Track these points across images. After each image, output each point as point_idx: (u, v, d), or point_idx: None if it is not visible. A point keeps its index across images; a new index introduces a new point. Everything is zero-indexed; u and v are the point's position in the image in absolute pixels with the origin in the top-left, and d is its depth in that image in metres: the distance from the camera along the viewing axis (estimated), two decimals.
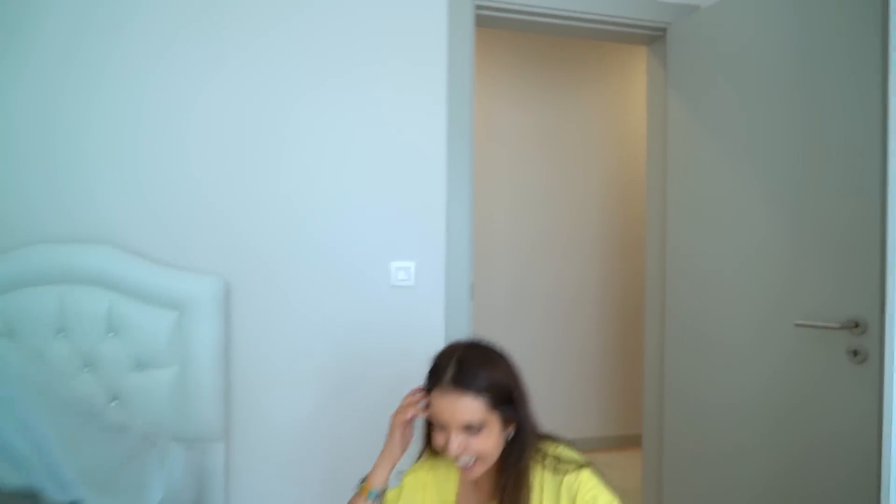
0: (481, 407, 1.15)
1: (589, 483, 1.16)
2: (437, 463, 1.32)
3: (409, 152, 2.06)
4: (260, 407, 1.97)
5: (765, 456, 1.86)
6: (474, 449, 1.15)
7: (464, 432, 1.15)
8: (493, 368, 1.19)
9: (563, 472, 1.18)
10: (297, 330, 1.99)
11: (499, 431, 1.18)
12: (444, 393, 1.16)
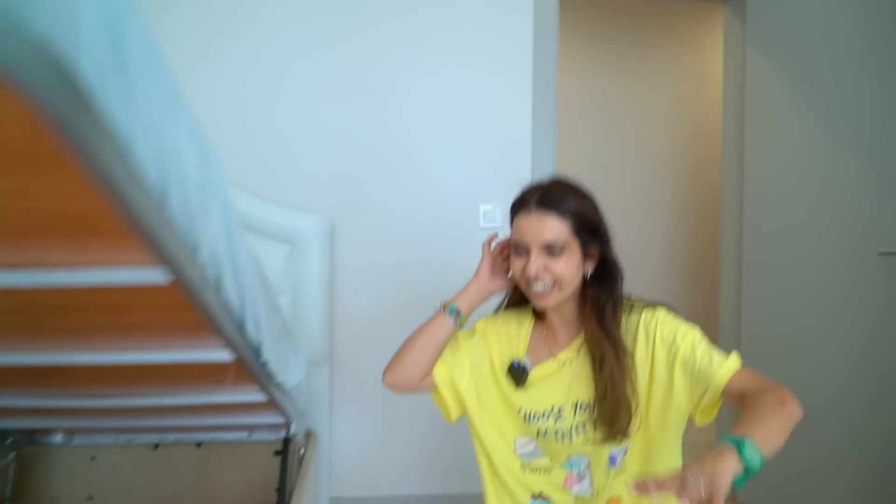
0: (565, 228, 1.11)
1: (666, 319, 1.13)
2: (510, 316, 1.30)
3: (498, 108, 2.20)
4: (359, 335, 2.18)
5: (849, 396, 1.92)
6: (554, 271, 1.11)
7: (544, 253, 1.11)
8: (580, 199, 1.15)
9: (639, 312, 1.15)
10: (393, 266, 2.18)
11: (579, 260, 1.14)
12: (528, 214, 1.12)
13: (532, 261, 1.11)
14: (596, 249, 1.15)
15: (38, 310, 0.85)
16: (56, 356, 1.03)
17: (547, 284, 1.12)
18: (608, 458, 1.18)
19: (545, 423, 1.20)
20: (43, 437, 1.88)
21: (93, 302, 0.83)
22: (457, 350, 1.27)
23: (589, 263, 1.16)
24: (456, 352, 1.26)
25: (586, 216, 1.13)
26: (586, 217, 1.13)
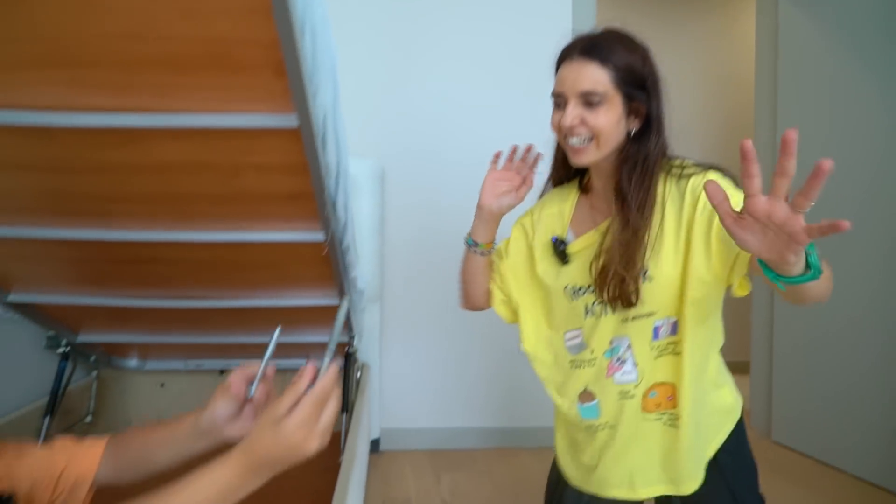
0: (605, 77, 1.01)
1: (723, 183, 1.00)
2: (552, 199, 1.23)
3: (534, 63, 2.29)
4: (406, 273, 2.29)
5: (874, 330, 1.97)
6: (590, 124, 1.02)
7: (582, 104, 1.03)
8: (629, 48, 1.03)
9: (689, 176, 1.04)
10: (437, 206, 2.29)
11: (620, 115, 1.03)
12: (570, 63, 1.03)
13: (568, 112, 1.02)
14: (642, 106, 1.04)
15: (160, 170, 0.97)
16: (163, 233, 1.15)
17: (584, 138, 1.04)
18: (653, 330, 1.08)
19: (590, 296, 1.12)
20: (120, 360, 2.03)
21: (212, 160, 0.95)
22: (498, 270, 1.25)
23: (633, 120, 1.05)
24: (498, 272, 1.25)
25: (632, 67, 1.02)
26: (633, 68, 1.02)
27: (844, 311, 2.10)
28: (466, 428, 2.33)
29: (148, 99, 0.82)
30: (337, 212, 1.09)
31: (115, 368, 2.04)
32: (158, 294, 1.48)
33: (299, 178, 0.98)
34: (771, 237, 0.73)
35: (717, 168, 1.04)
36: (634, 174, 1.04)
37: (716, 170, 1.04)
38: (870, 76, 2.04)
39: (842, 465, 2.10)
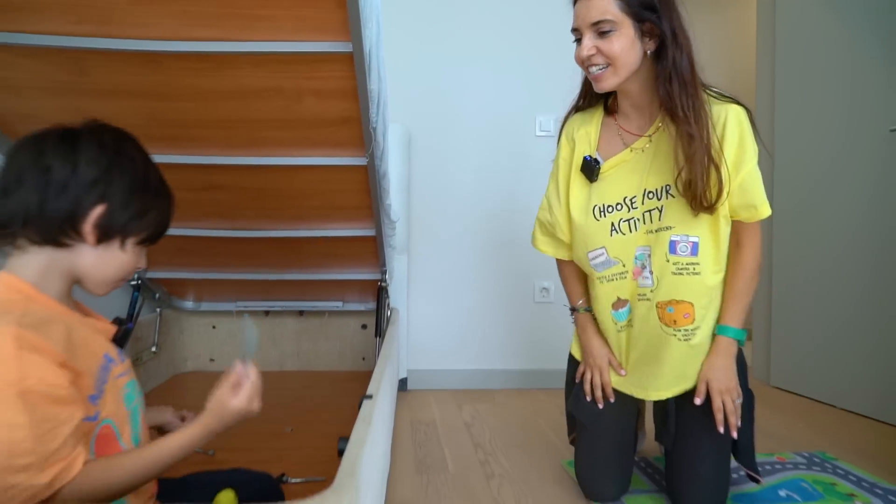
0: (612, 5, 1.10)
1: (746, 133, 1.16)
2: (576, 123, 1.35)
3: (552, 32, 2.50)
4: (431, 228, 2.52)
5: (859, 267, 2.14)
6: (605, 51, 1.12)
7: (595, 35, 1.12)
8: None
9: (723, 106, 1.18)
10: (460, 169, 2.51)
11: (633, 37, 1.12)
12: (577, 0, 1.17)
13: (584, 43, 1.13)
14: (653, 26, 1.12)
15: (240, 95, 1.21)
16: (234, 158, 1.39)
17: (601, 66, 1.14)
18: (669, 244, 1.21)
19: (617, 214, 1.25)
20: (179, 300, 2.29)
21: (281, 85, 1.18)
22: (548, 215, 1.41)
23: (648, 41, 1.14)
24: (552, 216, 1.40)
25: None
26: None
27: (832, 267, 2.28)
28: (486, 370, 2.54)
29: (237, 30, 1.05)
30: (377, 137, 1.32)
31: (174, 309, 2.30)
32: (218, 224, 1.72)
33: (349, 103, 1.22)
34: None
35: (739, 103, 1.20)
36: (674, 87, 1.12)
37: (738, 105, 1.20)
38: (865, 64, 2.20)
39: (834, 401, 2.27)
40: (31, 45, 1.07)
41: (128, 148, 0.82)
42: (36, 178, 0.74)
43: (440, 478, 1.57)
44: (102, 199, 0.77)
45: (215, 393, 0.83)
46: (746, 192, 1.18)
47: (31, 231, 0.75)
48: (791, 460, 1.69)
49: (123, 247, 0.80)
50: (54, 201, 0.74)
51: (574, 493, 1.47)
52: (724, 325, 1.24)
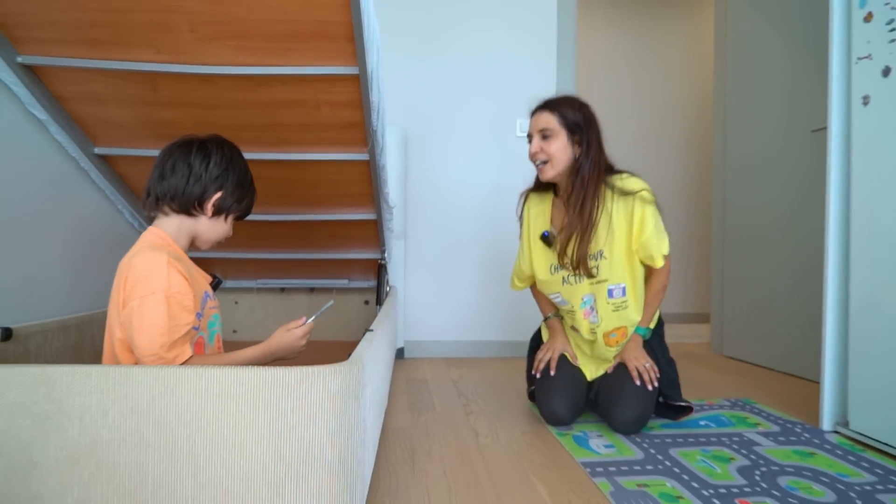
0: (552, 119, 1.59)
1: (646, 216, 1.62)
2: (535, 200, 1.81)
3: (529, 48, 2.87)
4: (424, 216, 2.89)
5: (791, 250, 2.51)
6: (545, 149, 1.60)
7: (540, 138, 1.61)
8: (570, 103, 1.63)
9: (627, 194, 1.63)
10: (450, 164, 2.88)
11: (565, 143, 1.59)
12: (534, 112, 1.67)
13: (533, 143, 1.64)
14: (580, 138, 1.61)
15: (272, 105, 1.58)
16: (264, 154, 1.75)
17: (542, 160, 1.63)
18: (607, 292, 1.70)
19: (563, 272, 1.73)
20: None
21: (304, 98, 1.55)
22: (521, 264, 1.88)
23: (576, 148, 1.62)
24: (522, 264, 1.88)
25: (571, 113, 1.61)
26: (571, 114, 1.61)
27: (772, 255, 2.65)
28: (474, 341, 2.91)
29: (273, 58, 1.42)
30: (377, 138, 1.69)
31: None
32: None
33: (355, 111, 1.59)
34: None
35: (644, 195, 1.68)
36: (576, 187, 1.62)
37: (645, 202, 1.68)
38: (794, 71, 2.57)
39: (769, 364, 2.65)
40: (119, 70, 1.45)
41: (237, 155, 1.27)
42: (183, 170, 1.18)
43: (428, 414, 1.94)
44: (221, 188, 1.21)
45: (280, 328, 1.21)
46: (646, 248, 1.67)
47: (174, 203, 1.19)
48: (718, 403, 2.06)
49: (226, 220, 1.23)
50: (192, 186, 1.18)
51: (535, 421, 1.84)
52: (638, 326, 1.76)
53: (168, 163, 1.20)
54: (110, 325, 1.14)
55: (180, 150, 1.21)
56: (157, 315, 1.06)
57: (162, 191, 1.19)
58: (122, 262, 1.14)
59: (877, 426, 1.58)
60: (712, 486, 1.33)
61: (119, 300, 1.10)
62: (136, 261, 1.10)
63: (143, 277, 1.07)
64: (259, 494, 0.92)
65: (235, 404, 0.92)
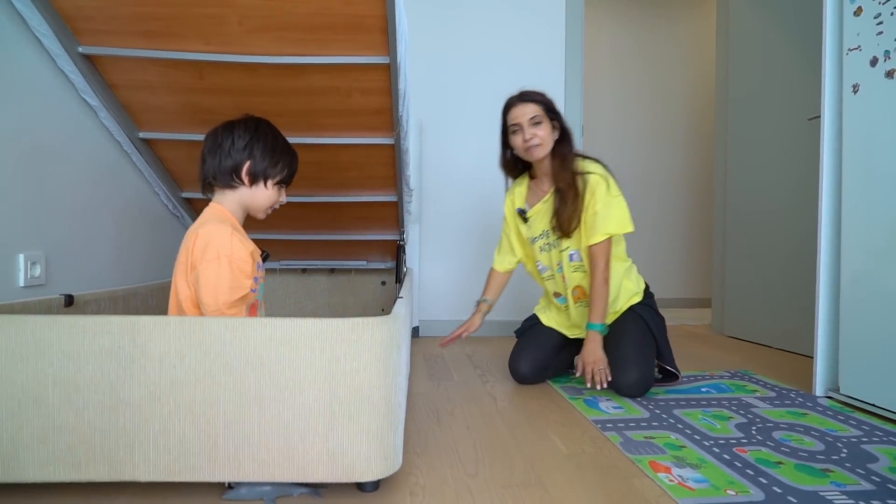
0: (539, 108, 1.86)
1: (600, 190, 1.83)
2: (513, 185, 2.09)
3: (537, 42, 3.00)
4: (439, 201, 3.02)
5: (789, 234, 2.64)
6: (538, 134, 1.84)
7: (531, 125, 1.84)
8: (539, 94, 1.90)
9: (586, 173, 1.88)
10: (463, 151, 3.01)
11: (550, 128, 1.86)
12: (515, 106, 1.88)
13: (526, 131, 1.85)
14: (558, 123, 1.90)
15: (309, 92, 1.71)
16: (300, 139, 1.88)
17: (535, 144, 1.86)
18: (568, 256, 1.97)
19: (541, 241, 2.02)
20: None
21: (338, 85, 1.68)
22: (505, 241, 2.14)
23: (556, 132, 1.90)
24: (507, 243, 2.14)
25: (547, 101, 1.89)
26: (547, 101, 1.89)
27: (770, 240, 2.78)
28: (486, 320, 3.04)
29: (313, 48, 1.55)
30: (402, 123, 1.82)
31: None
32: None
33: (383, 98, 1.72)
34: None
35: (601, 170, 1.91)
36: (559, 162, 1.88)
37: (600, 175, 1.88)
38: (791, 61, 2.70)
39: (768, 342, 2.78)
40: (169, 59, 1.58)
41: (263, 125, 1.37)
42: (216, 149, 1.31)
43: (448, 383, 2.08)
44: (250, 156, 1.30)
45: None
46: (591, 223, 1.87)
47: (217, 181, 1.32)
48: (719, 374, 2.19)
49: (266, 186, 1.34)
50: (225, 161, 1.30)
51: (548, 389, 1.98)
52: (590, 322, 1.88)
53: (205, 147, 1.35)
54: (176, 286, 1.27)
55: (212, 134, 1.35)
56: (221, 277, 1.20)
57: (205, 173, 1.35)
58: (189, 232, 1.28)
59: (864, 390, 1.72)
60: (712, 439, 1.47)
61: (187, 263, 1.25)
62: (204, 231, 1.24)
63: (211, 245, 1.22)
64: (316, 429, 1.06)
65: (296, 350, 1.06)
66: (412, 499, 1.12)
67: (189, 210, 2.30)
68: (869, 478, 1.23)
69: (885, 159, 1.63)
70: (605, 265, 1.86)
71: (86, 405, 1.04)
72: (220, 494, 1.12)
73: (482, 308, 2.14)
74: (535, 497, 1.13)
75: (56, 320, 1.04)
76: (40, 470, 1.05)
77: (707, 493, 1.15)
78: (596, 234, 1.85)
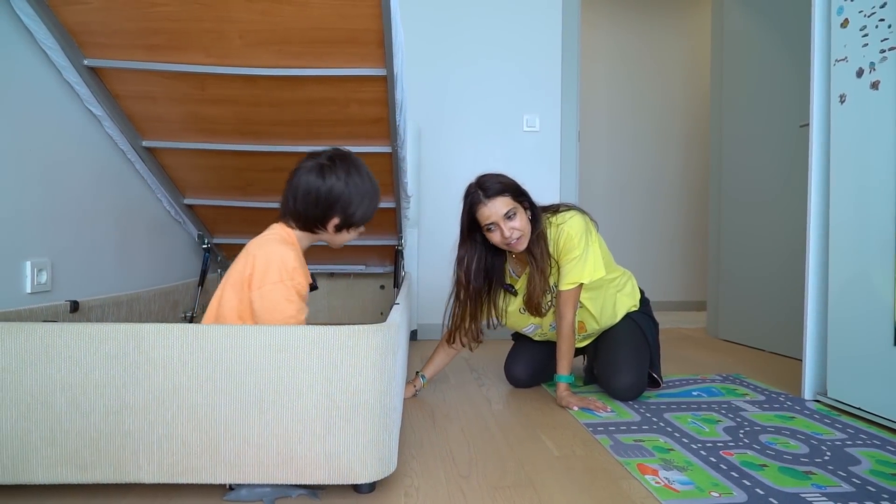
0: (509, 200, 1.71)
1: (569, 244, 1.77)
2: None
3: (535, 47, 3.04)
4: (437, 206, 3.07)
5: (781, 239, 2.67)
6: (516, 227, 1.71)
7: (506, 220, 1.70)
8: (501, 179, 1.76)
9: (559, 225, 1.81)
10: (461, 157, 3.06)
11: (524, 213, 1.74)
12: (484, 205, 1.71)
13: (505, 228, 1.70)
14: (527, 202, 1.78)
15: (307, 102, 1.75)
16: (296, 147, 1.93)
17: (517, 235, 1.73)
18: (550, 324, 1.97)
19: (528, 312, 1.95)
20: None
21: (335, 96, 1.72)
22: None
23: (528, 212, 1.78)
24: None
25: (512, 186, 1.75)
26: (512, 186, 1.76)
27: (763, 246, 2.82)
28: None
29: (311, 61, 1.60)
30: (399, 132, 1.86)
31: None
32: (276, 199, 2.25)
33: (380, 108, 1.76)
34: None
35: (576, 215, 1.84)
36: (534, 241, 1.77)
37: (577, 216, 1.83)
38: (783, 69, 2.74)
39: (760, 345, 2.82)
40: (172, 71, 1.62)
41: (354, 171, 1.39)
42: (305, 198, 1.35)
43: (444, 385, 2.12)
44: (339, 213, 1.37)
45: None
46: (563, 271, 1.82)
47: (299, 223, 1.37)
48: (711, 378, 2.23)
49: (349, 231, 1.42)
50: (312, 211, 1.36)
51: (541, 393, 2.02)
52: (558, 374, 1.85)
53: (294, 189, 1.36)
54: (221, 295, 1.33)
55: (305, 175, 1.36)
56: (288, 301, 1.27)
57: (289, 211, 1.38)
58: (252, 246, 1.34)
59: (851, 394, 1.75)
60: (700, 442, 1.51)
61: (245, 276, 1.30)
62: (269, 250, 1.30)
63: (275, 267, 1.27)
64: (314, 432, 1.10)
65: (295, 356, 1.10)
66: (406, 500, 1.16)
67: (191, 216, 2.34)
68: (850, 480, 1.27)
69: (871, 168, 1.67)
70: (572, 314, 1.83)
71: (92, 409, 1.09)
72: (221, 495, 1.16)
73: (414, 382, 1.98)
74: (524, 498, 1.17)
75: (63, 328, 1.08)
76: (48, 472, 1.09)
77: (691, 495, 1.19)
78: (568, 282, 1.81)
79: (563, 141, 3.07)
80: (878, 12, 1.63)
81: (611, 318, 1.98)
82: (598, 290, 1.92)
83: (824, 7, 1.85)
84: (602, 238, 1.93)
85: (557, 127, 3.07)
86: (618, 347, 1.92)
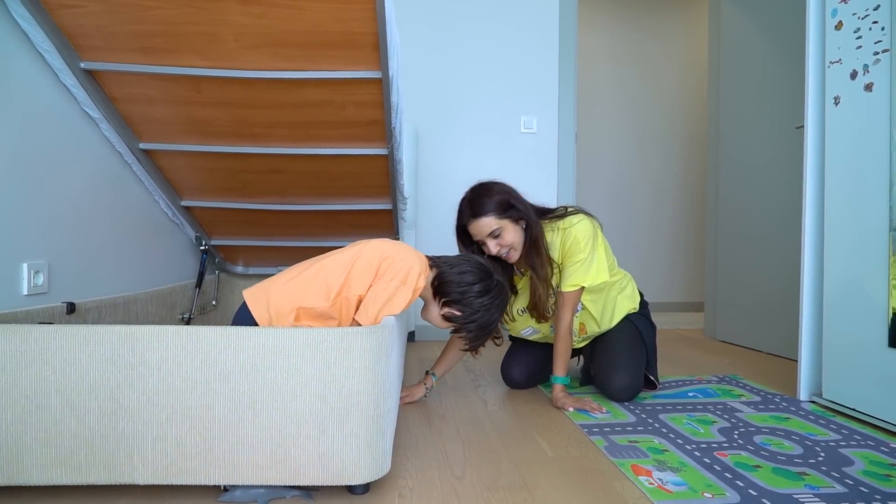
0: (492, 220, 1.72)
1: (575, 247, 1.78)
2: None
3: (532, 49, 3.05)
4: (434, 207, 3.07)
5: (780, 241, 2.68)
6: (504, 244, 1.74)
7: (492, 238, 1.73)
8: (489, 194, 1.74)
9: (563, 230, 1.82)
10: (458, 158, 3.06)
11: (513, 227, 1.74)
12: (471, 224, 1.75)
13: (490, 247, 1.75)
14: (517, 215, 1.75)
15: (303, 105, 1.76)
16: (293, 149, 1.93)
17: (505, 251, 1.77)
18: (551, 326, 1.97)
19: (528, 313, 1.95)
20: (232, 266, 2.84)
21: (332, 98, 1.73)
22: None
23: (521, 222, 1.78)
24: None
25: (500, 202, 1.73)
26: (500, 202, 1.73)
27: (760, 248, 2.82)
28: None
29: (307, 64, 1.60)
30: (395, 134, 1.87)
31: (228, 273, 2.85)
32: (275, 200, 2.27)
33: (376, 110, 1.77)
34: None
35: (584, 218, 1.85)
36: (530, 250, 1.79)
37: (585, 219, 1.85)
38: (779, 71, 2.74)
39: (756, 346, 2.83)
40: (168, 74, 1.63)
41: (496, 308, 1.58)
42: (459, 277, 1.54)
43: (441, 386, 2.12)
44: (463, 311, 1.55)
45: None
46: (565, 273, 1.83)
47: (434, 281, 1.56)
48: (707, 378, 2.24)
49: (442, 317, 1.60)
50: (454, 290, 1.54)
51: (537, 394, 2.03)
52: (555, 375, 1.87)
53: (464, 269, 1.55)
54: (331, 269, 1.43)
55: (478, 272, 1.55)
56: (403, 302, 1.41)
57: (441, 272, 1.55)
58: (376, 241, 1.49)
59: (845, 395, 1.76)
60: (695, 443, 1.52)
61: (370, 263, 1.42)
62: (398, 249, 1.46)
63: (405, 269, 1.42)
64: (308, 434, 1.11)
65: (289, 358, 1.10)
66: (401, 500, 1.17)
67: (189, 218, 2.35)
68: (843, 481, 1.27)
69: (865, 169, 1.68)
70: (570, 316, 1.84)
71: (87, 411, 1.09)
72: (216, 497, 1.17)
73: (425, 380, 1.96)
74: (518, 498, 1.18)
75: (59, 329, 1.09)
76: (43, 473, 1.10)
77: (684, 496, 1.19)
78: (569, 284, 1.82)
79: (560, 142, 3.08)
80: (872, 14, 1.64)
81: (611, 321, 1.99)
82: (600, 292, 1.93)
83: (819, 9, 1.86)
84: (607, 242, 1.94)
85: (555, 128, 3.08)
86: (614, 349, 1.93)
